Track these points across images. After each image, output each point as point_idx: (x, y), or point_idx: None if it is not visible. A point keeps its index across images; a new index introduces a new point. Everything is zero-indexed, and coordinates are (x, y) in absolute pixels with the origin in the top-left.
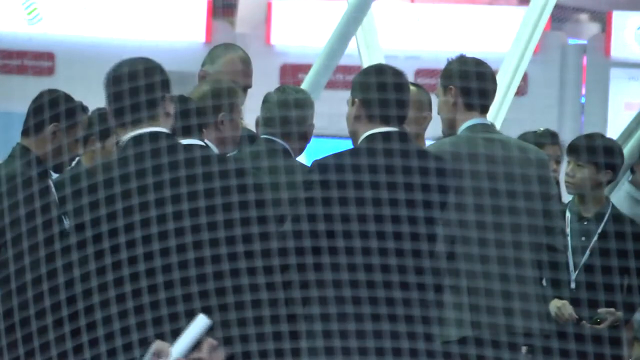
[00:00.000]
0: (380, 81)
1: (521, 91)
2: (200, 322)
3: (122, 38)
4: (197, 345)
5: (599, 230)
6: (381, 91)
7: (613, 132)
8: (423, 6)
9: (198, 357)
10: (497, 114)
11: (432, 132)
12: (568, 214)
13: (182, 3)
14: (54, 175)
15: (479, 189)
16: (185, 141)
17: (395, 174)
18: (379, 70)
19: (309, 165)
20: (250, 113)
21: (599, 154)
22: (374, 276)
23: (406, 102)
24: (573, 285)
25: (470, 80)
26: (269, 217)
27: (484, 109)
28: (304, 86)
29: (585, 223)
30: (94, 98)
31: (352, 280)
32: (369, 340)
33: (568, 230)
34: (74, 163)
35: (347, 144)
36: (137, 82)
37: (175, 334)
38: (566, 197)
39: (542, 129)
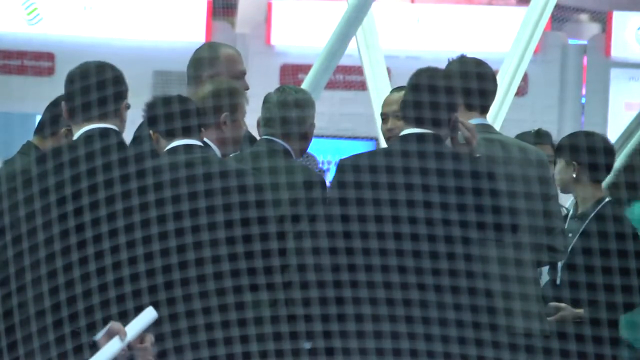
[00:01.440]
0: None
1: (521, 91)
2: (150, 314)
3: (122, 38)
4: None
5: (581, 229)
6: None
7: (613, 132)
8: (423, 6)
9: (144, 346)
10: (498, 114)
11: None
12: (570, 212)
13: (182, 3)
14: None
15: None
16: (184, 142)
17: (446, 177)
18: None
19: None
20: (251, 114)
21: (566, 150)
22: (403, 278)
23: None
24: (558, 282)
25: (471, 81)
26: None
27: (484, 110)
28: (304, 86)
29: (575, 221)
30: None
31: (385, 282)
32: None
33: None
34: None
35: (347, 145)
36: (89, 80)
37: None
38: (565, 198)
39: (535, 129)
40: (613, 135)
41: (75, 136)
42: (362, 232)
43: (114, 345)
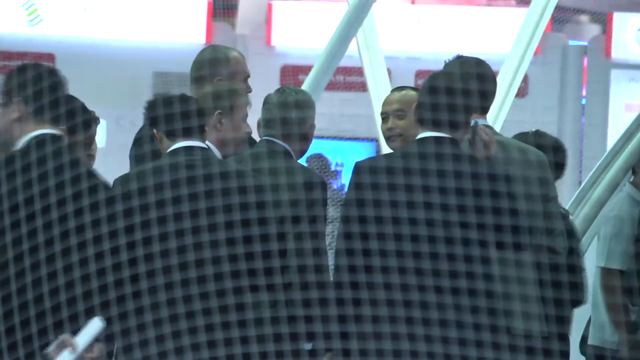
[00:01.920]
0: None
1: (522, 92)
2: (97, 323)
3: (122, 39)
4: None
5: None
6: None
7: (614, 133)
8: (423, 7)
9: (91, 357)
10: (498, 115)
11: None
12: None
13: (182, 4)
14: None
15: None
16: (185, 143)
17: (448, 178)
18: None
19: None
20: (251, 115)
21: None
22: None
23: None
24: None
25: (471, 81)
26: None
27: (484, 110)
28: (304, 87)
29: None
30: (94, 99)
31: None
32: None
33: None
34: None
35: (347, 146)
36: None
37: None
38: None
39: (533, 129)
40: (613, 136)
41: (23, 142)
42: (379, 233)
43: (66, 358)
